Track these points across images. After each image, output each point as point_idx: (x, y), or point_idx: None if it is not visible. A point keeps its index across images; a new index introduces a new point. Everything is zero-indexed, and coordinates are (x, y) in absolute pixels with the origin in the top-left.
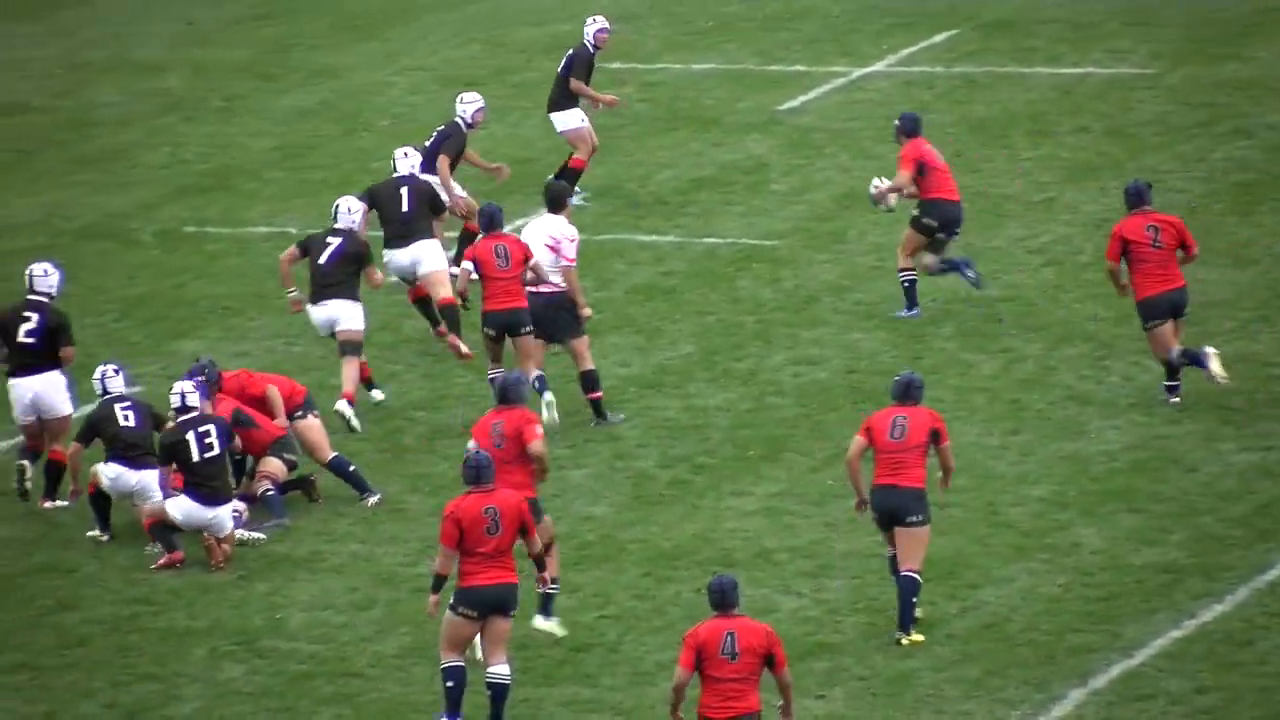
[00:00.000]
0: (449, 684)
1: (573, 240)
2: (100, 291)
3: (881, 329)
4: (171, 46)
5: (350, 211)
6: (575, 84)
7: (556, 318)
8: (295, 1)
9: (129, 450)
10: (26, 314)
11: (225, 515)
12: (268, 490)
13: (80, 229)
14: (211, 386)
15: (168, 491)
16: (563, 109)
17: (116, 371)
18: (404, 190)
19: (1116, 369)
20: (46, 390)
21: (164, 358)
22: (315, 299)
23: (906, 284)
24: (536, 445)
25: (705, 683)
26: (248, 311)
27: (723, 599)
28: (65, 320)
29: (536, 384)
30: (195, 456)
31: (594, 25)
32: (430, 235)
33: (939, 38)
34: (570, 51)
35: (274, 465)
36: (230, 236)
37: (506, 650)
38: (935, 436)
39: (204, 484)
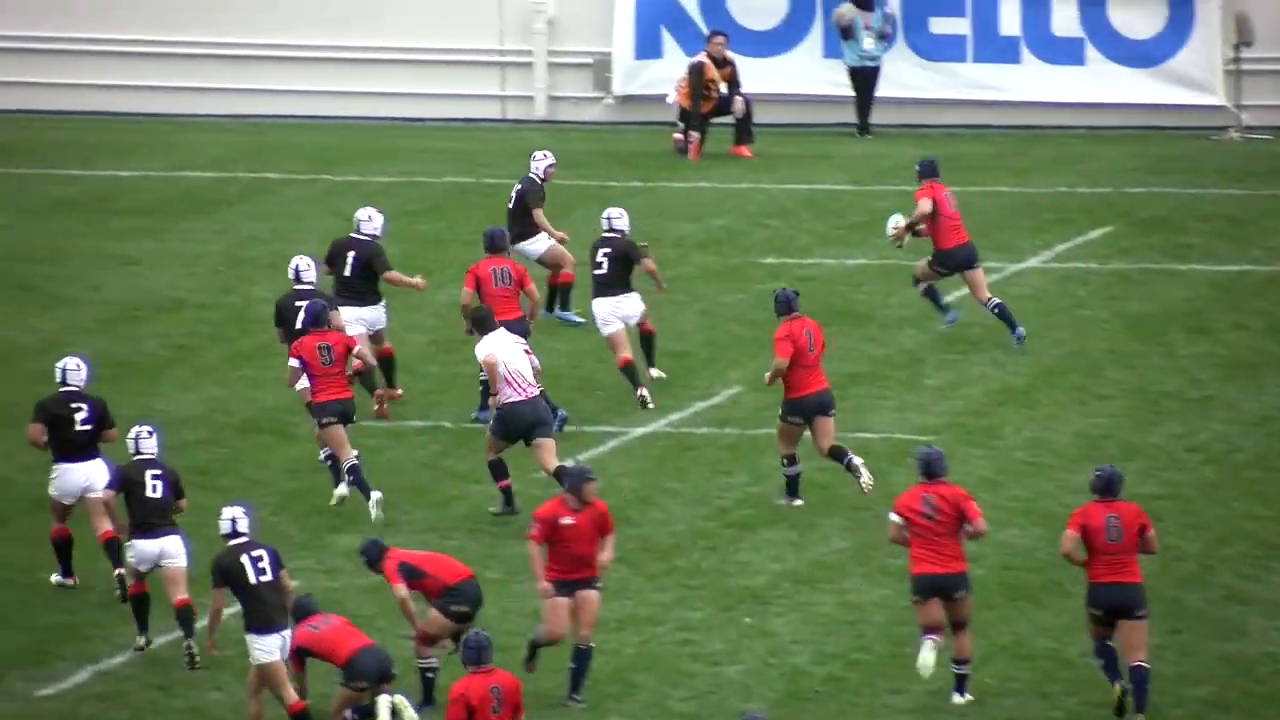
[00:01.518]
0: None
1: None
2: (260, 485)
3: (1037, 525)
4: (328, 240)
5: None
6: (538, 214)
7: (544, 417)
8: (450, 198)
9: (151, 517)
10: (75, 405)
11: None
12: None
13: (240, 423)
14: (374, 565)
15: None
16: (530, 237)
17: (150, 434)
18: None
19: (1278, 568)
20: (92, 474)
21: (319, 551)
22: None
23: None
24: (981, 524)
25: None
26: (402, 505)
27: None
28: (104, 404)
29: (350, 475)
30: (252, 580)
31: (545, 160)
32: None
33: (1094, 234)
34: (519, 187)
35: (436, 622)
36: (385, 431)
37: None
38: (1143, 530)
39: (264, 611)
